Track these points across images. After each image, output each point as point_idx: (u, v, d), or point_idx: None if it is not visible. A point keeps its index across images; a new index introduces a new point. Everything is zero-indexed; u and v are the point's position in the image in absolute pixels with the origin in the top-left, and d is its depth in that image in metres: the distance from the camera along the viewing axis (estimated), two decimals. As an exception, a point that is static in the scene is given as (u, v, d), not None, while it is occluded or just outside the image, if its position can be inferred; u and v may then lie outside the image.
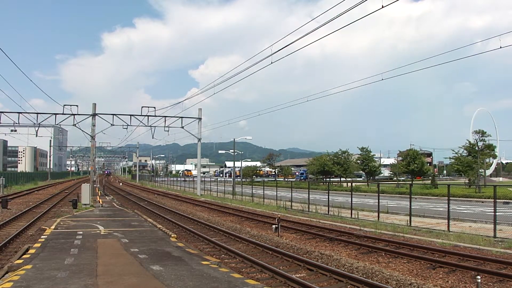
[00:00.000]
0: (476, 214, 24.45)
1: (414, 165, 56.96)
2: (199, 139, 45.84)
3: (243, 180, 71.79)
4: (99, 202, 30.49)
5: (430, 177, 57.82)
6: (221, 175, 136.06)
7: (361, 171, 69.70)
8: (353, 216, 22.70)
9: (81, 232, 15.36)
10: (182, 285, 8.17)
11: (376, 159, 72.10)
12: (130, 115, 38.79)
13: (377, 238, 15.65)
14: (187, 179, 76.64)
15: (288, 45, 18.24)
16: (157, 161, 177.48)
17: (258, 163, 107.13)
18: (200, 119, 44.74)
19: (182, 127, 42.51)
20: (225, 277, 8.91)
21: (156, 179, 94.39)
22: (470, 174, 48.35)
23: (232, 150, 55.58)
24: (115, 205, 30.42)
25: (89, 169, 43.35)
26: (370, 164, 62.41)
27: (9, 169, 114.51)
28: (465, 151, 51.97)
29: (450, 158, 58.31)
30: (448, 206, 18.48)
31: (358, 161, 64.46)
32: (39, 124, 36.78)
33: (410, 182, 55.94)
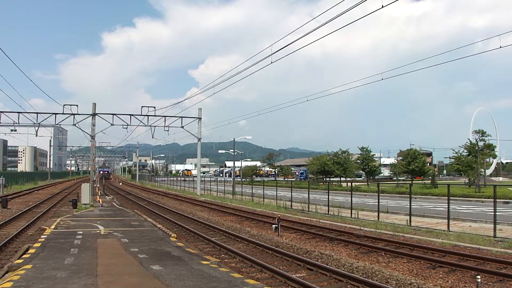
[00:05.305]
0: (476, 213, 24.44)
1: (414, 164, 56.94)
2: (199, 139, 45.84)
3: (243, 179, 71.81)
4: (99, 202, 30.50)
5: (430, 177, 57.81)
6: (221, 175, 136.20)
7: (361, 171, 69.71)
8: (353, 216, 22.70)
9: (81, 232, 15.35)
10: (182, 285, 8.17)
11: (376, 159, 72.10)
12: (130, 114, 38.81)
13: (377, 238, 15.65)
14: (187, 179, 76.70)
15: (288, 44, 18.25)
16: (157, 161, 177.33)
17: (258, 163, 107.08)
18: (200, 118, 44.74)
19: (182, 127, 42.54)
20: (225, 277, 8.90)
21: (156, 179, 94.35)
22: (470, 174, 48.30)
23: (232, 150, 55.57)
24: (115, 204, 30.41)
25: (89, 169, 43.33)
26: (370, 164, 62.42)
27: (9, 168, 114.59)
28: (465, 151, 51.90)
29: (450, 157, 58.28)
30: (448, 205, 18.48)
31: (358, 161, 64.46)
32: (39, 124, 36.78)
33: (410, 182, 55.96)
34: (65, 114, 35.57)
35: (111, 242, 13.42)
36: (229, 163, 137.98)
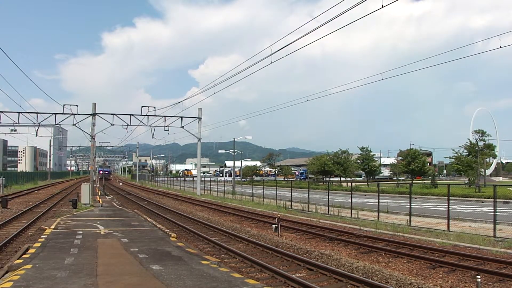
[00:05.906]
0: (476, 213, 24.45)
1: (414, 164, 56.94)
2: (199, 139, 45.83)
3: (243, 179, 71.82)
4: (99, 201, 30.50)
5: (430, 177, 57.80)
6: (221, 174, 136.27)
7: (361, 171, 69.67)
8: (353, 215, 22.70)
9: (81, 232, 15.35)
10: (182, 284, 8.17)
11: (376, 159, 72.07)
12: (130, 114, 38.82)
13: (377, 237, 15.65)
14: (187, 178, 76.67)
15: (288, 44, 18.27)
16: (157, 161, 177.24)
17: (258, 163, 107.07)
18: (200, 118, 44.73)
19: (182, 127, 42.54)
20: (225, 277, 8.90)
21: (156, 178, 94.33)
22: (470, 174, 48.29)
23: (232, 150, 55.58)
24: (115, 204, 30.42)
25: (89, 169, 43.34)
26: (370, 164, 62.39)
27: (9, 168, 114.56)
28: (465, 151, 51.90)
29: (450, 157, 58.26)
30: (448, 205, 18.48)
31: (358, 161, 64.45)
32: (39, 123, 36.78)
33: (410, 182, 55.95)
34: (65, 114, 35.58)
35: (111, 242, 13.42)
36: (229, 163, 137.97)
